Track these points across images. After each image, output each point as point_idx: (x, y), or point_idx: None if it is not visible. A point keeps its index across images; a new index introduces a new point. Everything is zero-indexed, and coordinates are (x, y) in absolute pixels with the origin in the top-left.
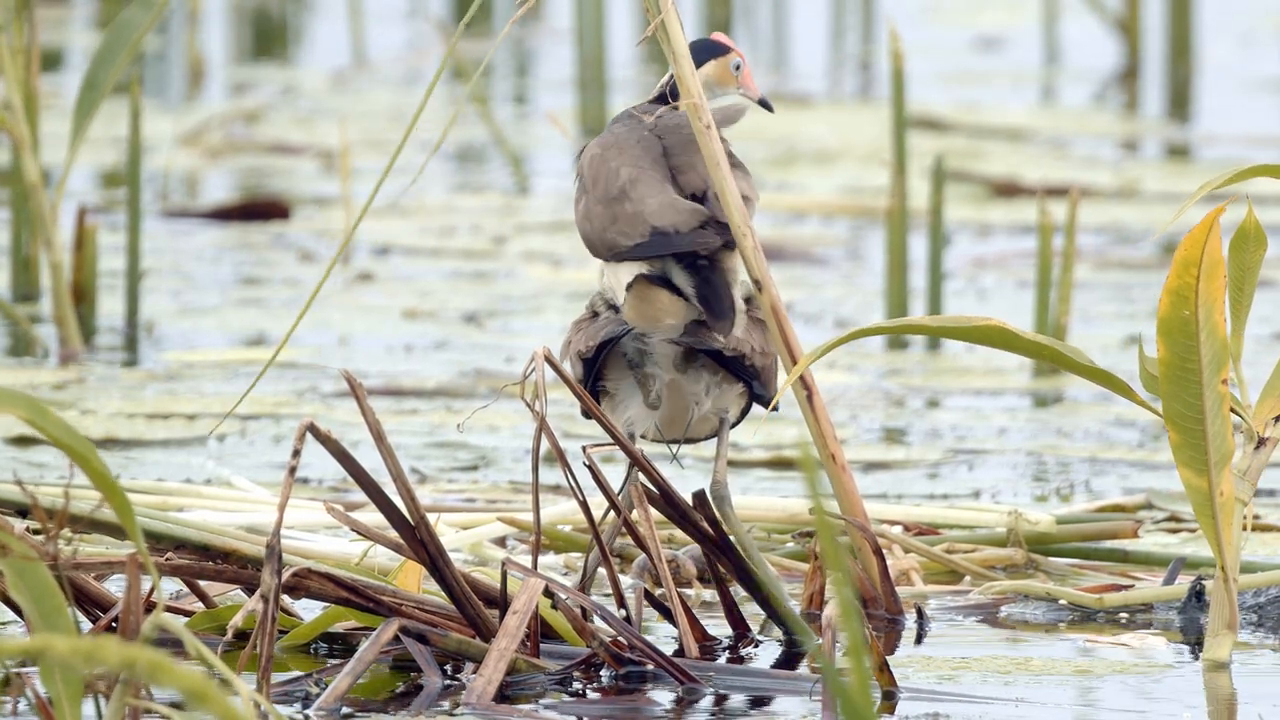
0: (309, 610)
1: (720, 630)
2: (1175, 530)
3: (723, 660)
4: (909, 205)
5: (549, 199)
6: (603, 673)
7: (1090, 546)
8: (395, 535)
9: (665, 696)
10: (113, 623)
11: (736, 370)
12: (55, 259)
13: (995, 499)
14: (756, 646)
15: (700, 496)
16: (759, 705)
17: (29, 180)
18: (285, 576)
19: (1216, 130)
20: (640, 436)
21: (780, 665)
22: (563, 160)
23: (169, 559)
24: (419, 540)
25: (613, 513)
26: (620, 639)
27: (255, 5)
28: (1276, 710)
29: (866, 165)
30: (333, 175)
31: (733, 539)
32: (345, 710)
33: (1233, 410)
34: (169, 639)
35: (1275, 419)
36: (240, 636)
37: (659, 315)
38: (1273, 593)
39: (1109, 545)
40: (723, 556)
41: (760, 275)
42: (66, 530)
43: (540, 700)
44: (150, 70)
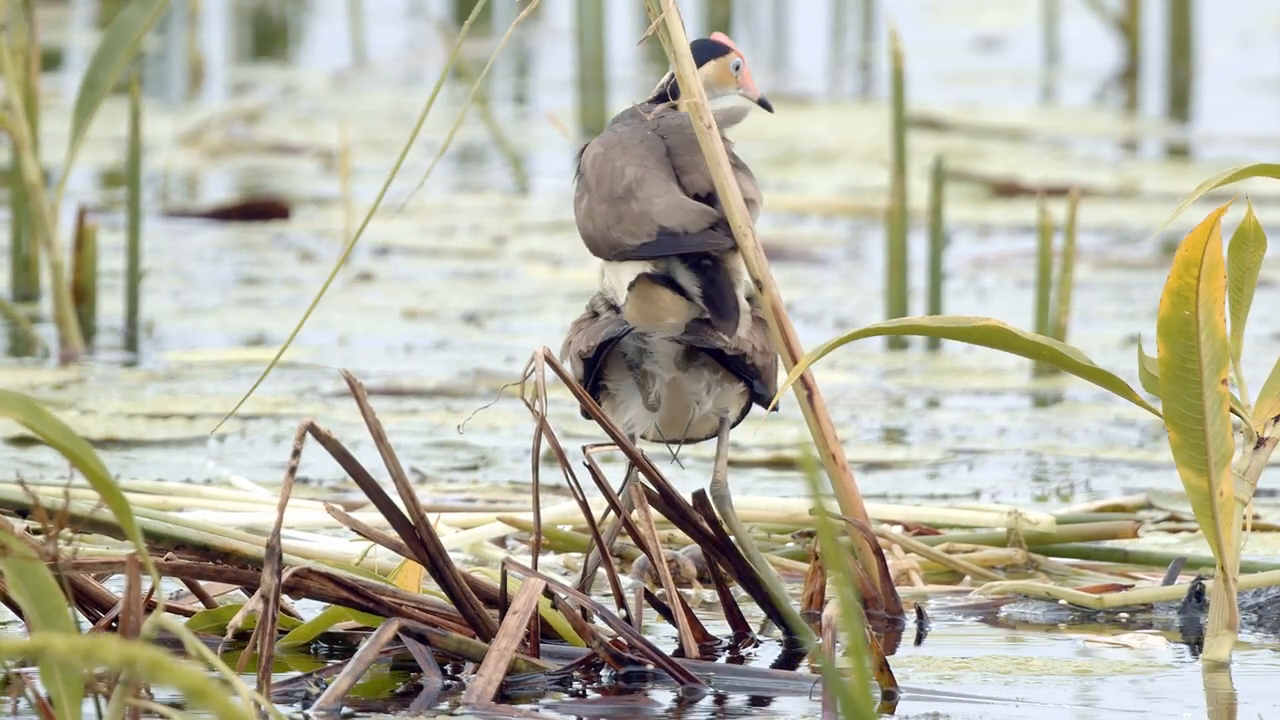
0: (309, 610)
1: (720, 630)
2: (1175, 530)
3: (723, 660)
4: (909, 205)
5: (549, 199)
6: (603, 673)
7: (1090, 546)
8: (395, 535)
9: (665, 696)
10: (113, 623)
11: (738, 369)
12: (55, 259)
13: (995, 499)
14: (756, 646)
15: (700, 496)
16: (759, 705)
17: (29, 180)
18: (285, 576)
19: (1216, 130)
20: (640, 436)
21: (780, 665)
22: (563, 160)
23: (169, 559)
24: (419, 540)
25: (613, 513)
26: (620, 639)
27: (255, 5)
28: (1276, 710)
29: (866, 165)
30: (333, 175)
31: (733, 539)
32: (345, 710)
33: (1232, 410)
34: (169, 639)
35: (1275, 419)
36: (240, 636)
37: (661, 314)
38: (1273, 593)
39: (1109, 545)
40: (723, 556)
41: (761, 275)
42: (66, 530)
43: (540, 700)
44: (150, 70)
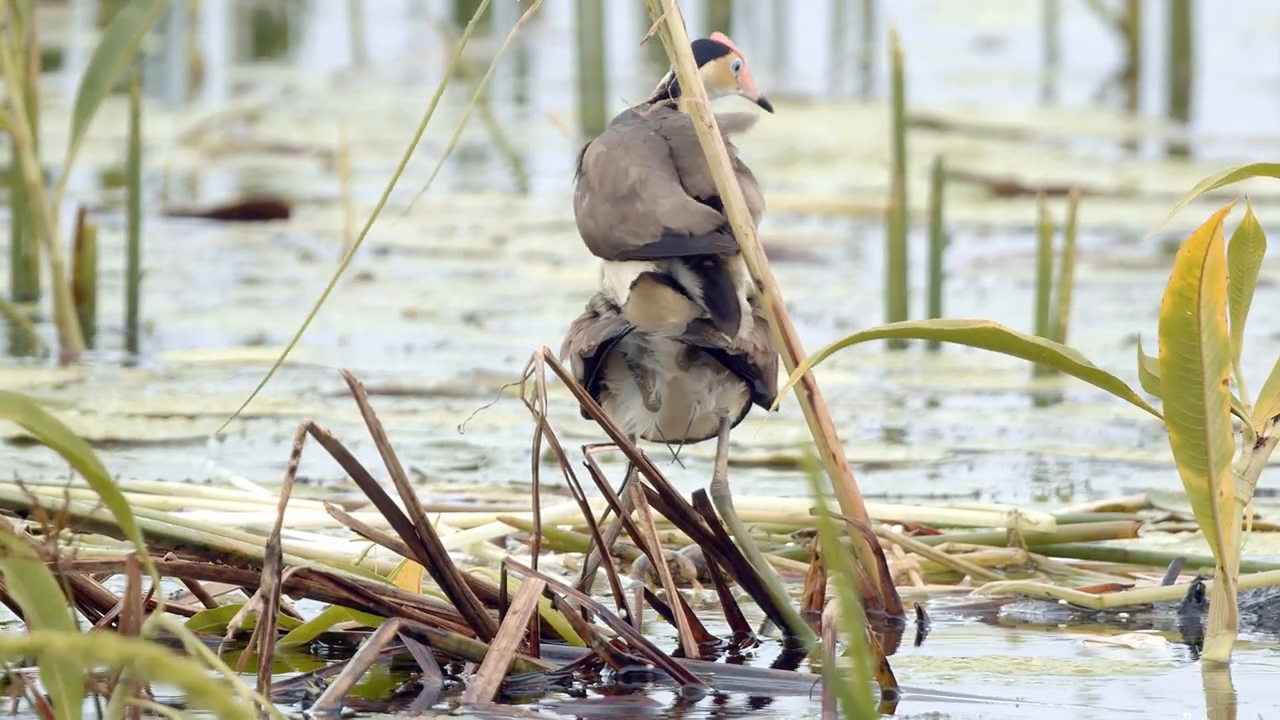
0: (309, 610)
1: (720, 630)
2: (1175, 530)
3: (723, 660)
4: (909, 205)
5: (549, 199)
6: (603, 673)
7: (1090, 546)
8: (395, 535)
9: (665, 696)
10: (113, 623)
11: (739, 369)
12: (55, 259)
13: (995, 499)
14: (756, 646)
15: (700, 496)
16: (759, 705)
17: (29, 180)
18: (285, 576)
19: (1216, 130)
20: (641, 436)
21: (780, 665)
22: (563, 160)
23: (169, 559)
24: (419, 540)
25: (613, 513)
26: (620, 639)
27: (255, 5)
28: (1276, 710)
29: (866, 165)
30: (333, 175)
31: (733, 539)
32: (345, 710)
33: (1232, 410)
34: (169, 639)
35: (1274, 419)
36: (240, 636)
37: (663, 314)
38: (1273, 593)
39: (1109, 545)
40: (723, 556)
41: (762, 275)
42: (66, 530)
43: (540, 700)
44: (150, 70)
